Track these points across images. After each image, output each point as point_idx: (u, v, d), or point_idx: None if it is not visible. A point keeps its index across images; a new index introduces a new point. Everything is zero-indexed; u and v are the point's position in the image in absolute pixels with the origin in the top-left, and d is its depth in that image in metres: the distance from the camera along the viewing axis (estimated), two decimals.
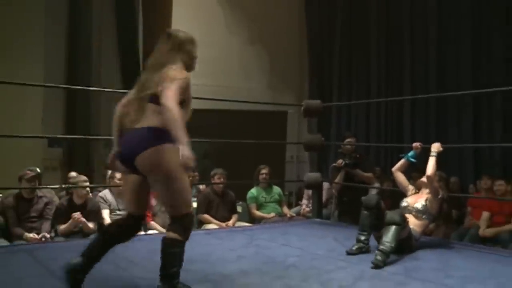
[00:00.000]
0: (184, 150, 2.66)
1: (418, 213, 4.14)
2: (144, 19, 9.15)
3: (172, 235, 2.86)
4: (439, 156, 4.27)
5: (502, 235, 5.73)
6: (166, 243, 2.86)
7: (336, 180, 6.16)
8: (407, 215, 4.03)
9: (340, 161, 6.04)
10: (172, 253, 2.86)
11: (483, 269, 3.57)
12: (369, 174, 6.25)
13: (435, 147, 4.31)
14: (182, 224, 2.88)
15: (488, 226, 5.92)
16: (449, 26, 8.11)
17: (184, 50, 2.99)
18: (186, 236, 2.89)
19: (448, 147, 5.05)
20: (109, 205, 5.58)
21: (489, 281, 3.21)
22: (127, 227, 3.04)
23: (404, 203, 4.30)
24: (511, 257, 4.08)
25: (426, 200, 4.20)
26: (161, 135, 2.79)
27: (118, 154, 2.98)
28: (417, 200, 4.23)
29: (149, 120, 2.85)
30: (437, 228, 5.63)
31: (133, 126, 2.90)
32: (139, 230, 3.18)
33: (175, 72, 2.87)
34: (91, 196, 5.64)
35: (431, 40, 8.32)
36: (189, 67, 3.02)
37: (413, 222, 4.09)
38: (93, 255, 2.93)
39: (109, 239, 3.00)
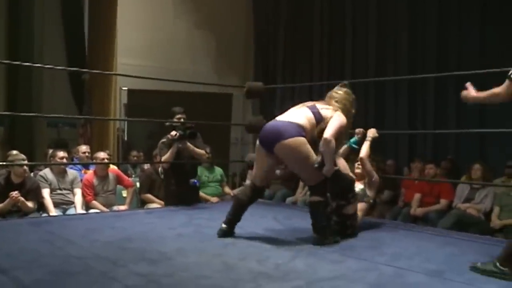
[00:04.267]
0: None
1: (358, 197, 4.19)
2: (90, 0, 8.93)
3: (315, 198, 3.65)
4: (374, 141, 4.43)
5: (431, 215, 6.07)
6: (312, 206, 3.67)
7: (166, 156, 5.35)
8: None
9: (173, 132, 5.31)
10: (316, 212, 3.66)
11: (411, 246, 3.70)
12: (202, 151, 5.62)
13: (371, 132, 4.47)
14: (319, 189, 3.65)
15: (419, 206, 6.24)
16: (388, 15, 8.29)
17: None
18: (325, 197, 3.69)
19: (384, 133, 5.26)
20: (50, 184, 5.52)
21: (416, 257, 3.33)
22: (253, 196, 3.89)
23: None
24: (437, 235, 4.27)
25: (364, 183, 4.32)
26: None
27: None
28: (356, 185, 4.32)
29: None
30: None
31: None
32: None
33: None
34: (30, 175, 5.55)
35: (371, 29, 8.50)
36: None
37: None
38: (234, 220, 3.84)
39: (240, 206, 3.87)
